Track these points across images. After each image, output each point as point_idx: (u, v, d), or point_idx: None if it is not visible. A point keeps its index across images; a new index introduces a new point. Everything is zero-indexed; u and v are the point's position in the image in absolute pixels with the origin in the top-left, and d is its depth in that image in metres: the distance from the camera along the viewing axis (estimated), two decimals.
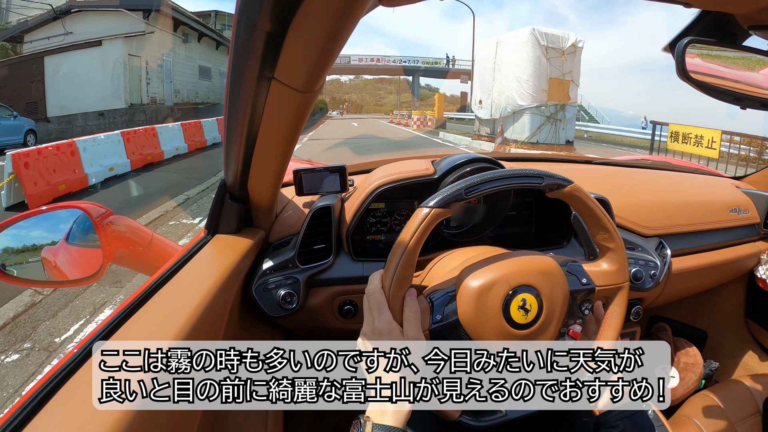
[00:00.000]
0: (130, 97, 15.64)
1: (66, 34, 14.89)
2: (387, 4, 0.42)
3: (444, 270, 0.79)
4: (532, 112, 11.98)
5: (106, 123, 14.39)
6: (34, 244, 0.85)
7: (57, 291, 3.19)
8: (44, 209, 0.86)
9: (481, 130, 14.53)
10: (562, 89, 12.00)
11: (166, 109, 17.03)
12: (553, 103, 11.92)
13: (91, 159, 6.81)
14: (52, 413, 0.44)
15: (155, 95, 16.94)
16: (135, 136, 8.16)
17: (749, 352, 1.58)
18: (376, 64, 37.30)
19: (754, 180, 1.56)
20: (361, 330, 0.62)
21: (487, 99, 13.52)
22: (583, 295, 0.69)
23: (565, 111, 12.16)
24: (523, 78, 11.84)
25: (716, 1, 0.52)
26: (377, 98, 60.13)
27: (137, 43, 15.76)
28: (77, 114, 14.62)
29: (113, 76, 15.23)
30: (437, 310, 0.64)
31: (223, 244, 0.85)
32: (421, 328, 0.61)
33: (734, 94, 0.61)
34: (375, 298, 0.61)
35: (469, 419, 0.64)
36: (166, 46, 17.32)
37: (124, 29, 15.28)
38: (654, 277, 1.08)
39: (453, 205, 0.61)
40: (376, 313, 0.60)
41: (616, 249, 0.69)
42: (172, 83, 17.94)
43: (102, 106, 14.94)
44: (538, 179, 0.64)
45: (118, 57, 15.24)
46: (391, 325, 0.59)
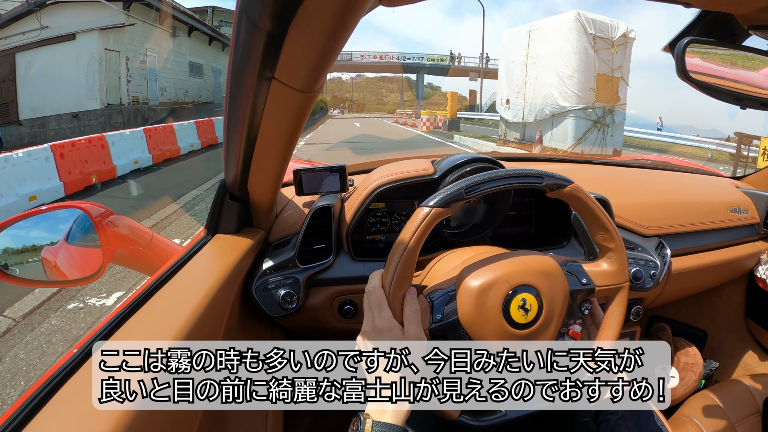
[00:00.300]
0: (107, 97, 14.00)
1: (42, 28, 13.23)
2: (387, 4, 0.42)
3: (444, 270, 0.79)
4: (576, 115, 9.69)
5: (81, 126, 13.06)
6: (34, 244, 0.85)
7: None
8: (44, 209, 0.86)
9: (509, 134, 12.08)
10: (612, 88, 9.79)
11: (149, 110, 15.51)
12: (600, 105, 9.66)
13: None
14: (52, 413, 0.44)
15: (137, 94, 15.27)
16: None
17: (749, 351, 1.58)
18: (378, 61, 36.44)
19: (753, 180, 1.56)
20: (361, 329, 0.62)
21: (517, 98, 11.14)
22: (583, 295, 0.69)
23: (614, 114, 9.93)
24: (566, 73, 9.58)
25: (716, 1, 0.52)
26: (379, 97, 59.77)
27: (115, 36, 14.06)
28: (50, 116, 13.18)
29: (87, 73, 13.62)
30: (437, 310, 0.64)
31: (223, 244, 0.85)
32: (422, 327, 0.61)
33: (734, 94, 0.61)
34: (375, 296, 0.61)
35: (469, 419, 0.64)
36: (150, 40, 15.57)
37: (101, 21, 13.52)
38: (654, 277, 1.09)
39: (453, 205, 0.61)
40: (376, 311, 0.60)
41: (616, 249, 0.69)
42: (157, 81, 16.31)
43: (76, 107, 13.40)
44: (539, 179, 0.64)
45: (93, 52, 13.58)
46: (392, 323, 0.59)
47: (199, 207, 5.64)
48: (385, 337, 0.58)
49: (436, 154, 1.13)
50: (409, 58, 36.58)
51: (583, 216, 0.69)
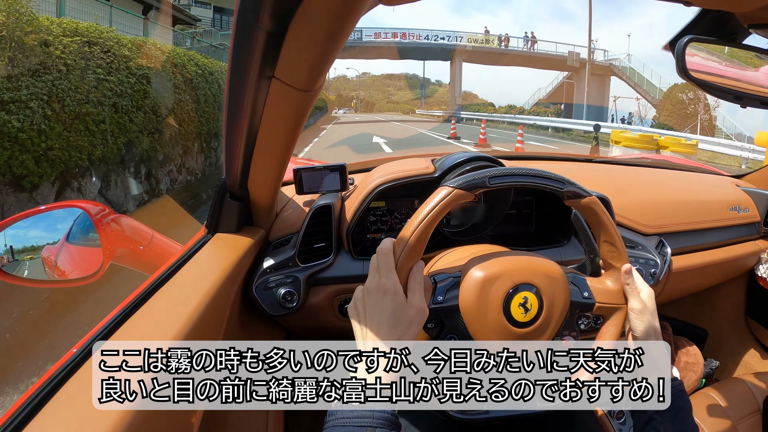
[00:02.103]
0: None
1: None
2: (387, 3, 0.41)
3: (450, 260, 0.80)
4: None
5: None
6: (33, 243, 0.85)
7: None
8: (43, 209, 0.86)
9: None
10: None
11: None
12: None
13: None
14: (52, 413, 0.44)
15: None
16: None
17: (750, 350, 1.58)
18: (398, 42, 25.81)
19: (754, 178, 1.56)
20: (363, 284, 0.61)
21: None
22: (581, 309, 0.69)
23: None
24: None
25: (716, 0, 0.52)
26: (386, 95, 58.69)
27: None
28: None
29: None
30: (439, 292, 0.65)
31: (223, 243, 0.85)
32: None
33: (734, 92, 0.61)
34: (386, 258, 0.59)
35: (456, 413, 0.65)
36: None
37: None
38: (654, 276, 1.09)
39: (475, 191, 0.61)
40: (384, 271, 0.59)
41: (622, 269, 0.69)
42: None
43: None
44: (561, 184, 0.64)
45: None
46: (397, 286, 0.58)
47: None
48: (387, 298, 0.57)
49: (436, 152, 1.13)
50: (442, 38, 26.44)
51: (595, 229, 0.69)
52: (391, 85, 60.44)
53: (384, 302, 0.57)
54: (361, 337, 0.59)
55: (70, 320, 2.97)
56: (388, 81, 60.59)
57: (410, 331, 0.57)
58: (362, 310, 0.60)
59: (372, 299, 0.59)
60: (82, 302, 3.03)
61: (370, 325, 0.58)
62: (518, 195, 1.11)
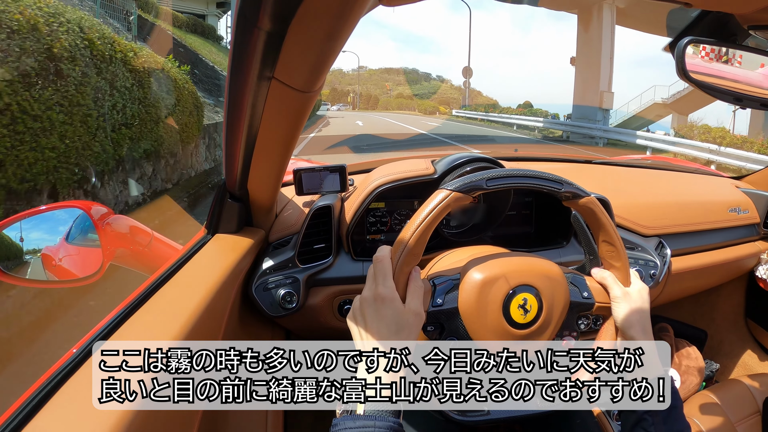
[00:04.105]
0: None
1: None
2: (387, 4, 0.42)
3: (449, 262, 0.80)
4: None
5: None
6: (33, 243, 0.85)
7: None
8: (43, 209, 0.86)
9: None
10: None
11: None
12: None
13: None
14: (52, 413, 0.44)
15: None
16: None
17: (749, 351, 1.58)
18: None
19: (753, 180, 1.56)
20: (360, 294, 0.61)
21: None
22: (581, 309, 0.69)
23: None
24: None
25: (716, 2, 0.52)
26: (383, 90, 57.60)
27: None
28: None
29: None
30: (438, 295, 0.65)
31: (223, 244, 0.85)
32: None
33: (734, 94, 0.61)
34: (383, 265, 0.60)
35: (456, 414, 0.65)
36: None
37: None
38: (654, 277, 1.09)
39: (472, 194, 0.61)
40: (381, 279, 0.59)
41: (621, 269, 0.69)
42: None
43: None
44: (558, 185, 0.64)
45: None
46: (395, 294, 0.58)
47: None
48: (386, 306, 0.57)
49: (436, 153, 1.13)
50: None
51: (594, 229, 0.69)
52: (389, 79, 59.47)
53: (382, 310, 0.58)
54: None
55: (70, 320, 2.97)
56: (386, 75, 59.69)
57: (409, 336, 0.57)
58: (361, 320, 0.60)
59: (370, 308, 0.59)
60: (82, 302, 3.03)
61: (370, 334, 0.58)
62: (518, 196, 1.11)
